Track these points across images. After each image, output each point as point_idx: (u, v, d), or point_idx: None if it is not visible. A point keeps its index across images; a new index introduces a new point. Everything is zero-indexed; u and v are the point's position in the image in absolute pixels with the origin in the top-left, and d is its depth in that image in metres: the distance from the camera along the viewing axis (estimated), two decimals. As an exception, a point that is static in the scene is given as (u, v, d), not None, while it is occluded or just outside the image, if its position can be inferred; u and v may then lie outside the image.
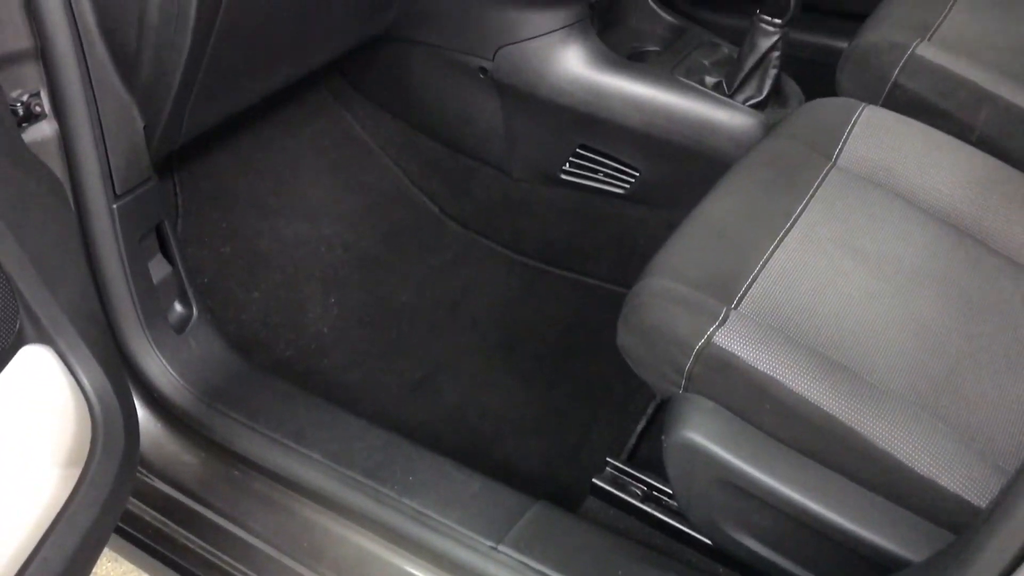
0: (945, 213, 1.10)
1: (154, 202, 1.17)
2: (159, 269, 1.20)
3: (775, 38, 1.45)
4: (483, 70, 1.58)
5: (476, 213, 1.75)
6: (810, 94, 1.47)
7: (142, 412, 1.16)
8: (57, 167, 1.05)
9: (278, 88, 1.41)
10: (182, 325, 1.23)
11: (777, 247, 1.01)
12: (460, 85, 1.63)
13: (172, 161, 1.48)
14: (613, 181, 1.61)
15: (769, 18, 1.44)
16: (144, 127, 1.12)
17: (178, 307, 1.24)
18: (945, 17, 1.48)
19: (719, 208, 1.08)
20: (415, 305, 1.62)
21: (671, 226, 1.07)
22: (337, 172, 1.74)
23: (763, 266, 0.98)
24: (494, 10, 1.51)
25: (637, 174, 1.59)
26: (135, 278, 1.14)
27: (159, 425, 1.18)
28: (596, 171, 1.62)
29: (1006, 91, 1.31)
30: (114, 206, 1.10)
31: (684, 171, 1.53)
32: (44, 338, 0.85)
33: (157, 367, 1.16)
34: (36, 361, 0.85)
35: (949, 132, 1.23)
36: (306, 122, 1.74)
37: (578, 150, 1.61)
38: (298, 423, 1.18)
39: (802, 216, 1.06)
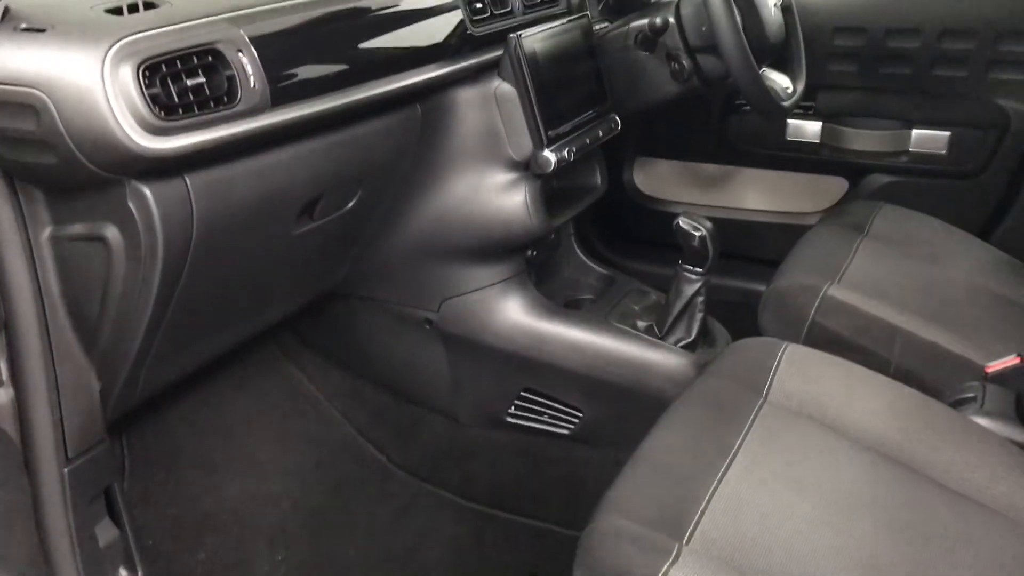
0: (874, 442, 1.16)
1: (106, 464, 1.17)
2: (106, 532, 1.18)
3: (698, 284, 1.57)
4: (428, 321, 1.66)
5: (424, 460, 1.76)
6: (736, 334, 1.56)
7: None
8: (10, 429, 1.06)
9: (230, 348, 1.46)
10: (126, 591, 1.20)
11: (720, 481, 1.05)
12: (406, 336, 1.70)
13: (120, 420, 1.48)
14: (558, 422, 1.66)
15: (691, 267, 1.57)
16: (100, 390, 1.14)
17: (123, 572, 1.20)
18: (851, 262, 1.62)
19: (662, 445, 1.12)
20: (364, 559, 1.59)
21: (617, 463, 1.10)
22: (285, 427, 1.75)
23: (709, 500, 1.02)
24: (438, 267, 1.61)
25: (580, 415, 1.64)
26: (82, 544, 1.11)
27: None
28: (541, 413, 1.67)
29: (914, 326, 1.42)
30: (65, 470, 1.10)
31: (624, 411, 1.59)
32: (-11, 611, 0.83)
33: (100, 640, 1.12)
34: (-21, 637, 0.82)
35: (868, 365, 1.31)
36: (254, 378, 1.77)
37: (522, 393, 1.66)
38: None
39: (741, 450, 1.10)
